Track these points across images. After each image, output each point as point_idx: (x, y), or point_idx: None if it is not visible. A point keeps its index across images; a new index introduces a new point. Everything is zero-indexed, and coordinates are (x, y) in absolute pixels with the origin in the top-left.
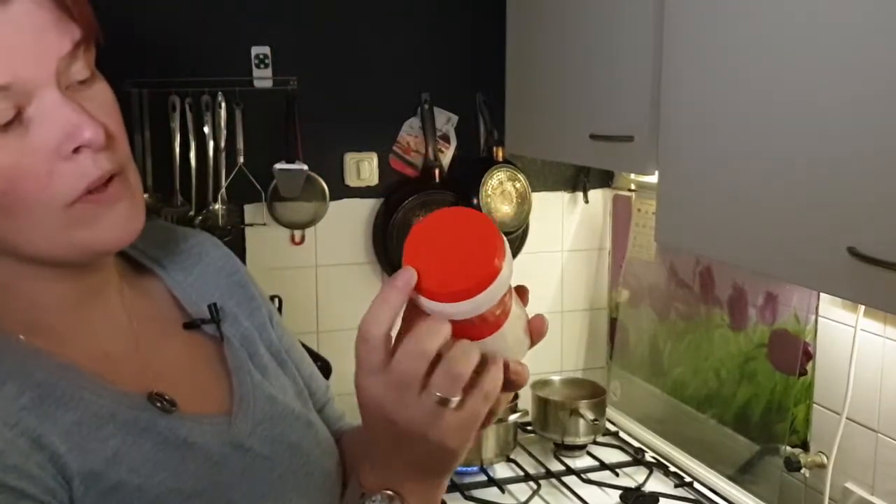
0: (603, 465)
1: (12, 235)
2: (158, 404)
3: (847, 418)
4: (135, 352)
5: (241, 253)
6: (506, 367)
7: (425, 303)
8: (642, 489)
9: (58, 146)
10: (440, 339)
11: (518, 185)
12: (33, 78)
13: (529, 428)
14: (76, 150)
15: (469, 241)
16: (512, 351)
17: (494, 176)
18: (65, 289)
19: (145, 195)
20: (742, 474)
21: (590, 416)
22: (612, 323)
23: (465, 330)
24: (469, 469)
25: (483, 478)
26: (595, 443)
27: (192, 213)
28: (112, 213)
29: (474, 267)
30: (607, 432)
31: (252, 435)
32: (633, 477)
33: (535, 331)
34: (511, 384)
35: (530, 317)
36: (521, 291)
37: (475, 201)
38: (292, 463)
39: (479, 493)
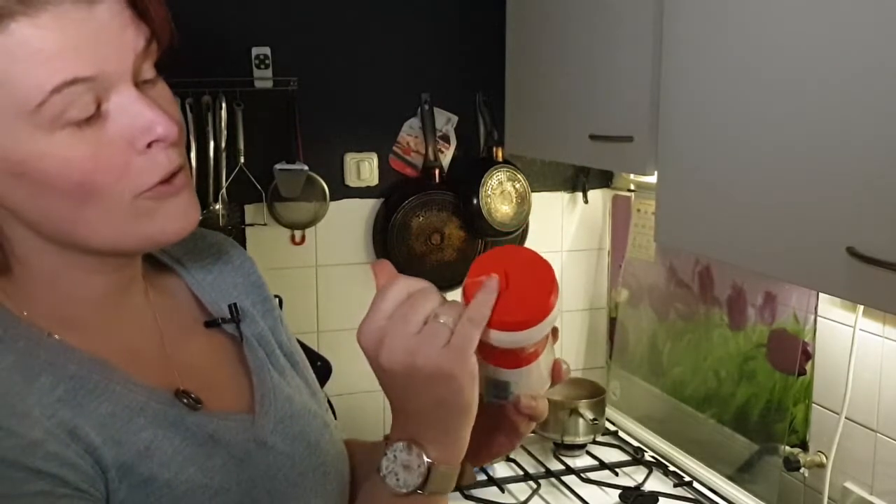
0: (602, 465)
1: (80, 227)
2: (185, 401)
3: (846, 418)
4: (160, 349)
5: None
6: (522, 401)
7: None
8: (642, 488)
9: (133, 140)
10: (405, 291)
11: (518, 186)
12: (114, 72)
13: None
14: (151, 145)
15: (527, 279)
16: (534, 387)
17: (494, 176)
18: (103, 281)
19: None
20: (741, 474)
21: (589, 415)
22: (612, 323)
23: (500, 356)
24: None
25: (483, 477)
26: (594, 442)
27: None
28: (174, 204)
29: (530, 304)
30: (607, 432)
31: (274, 433)
32: (633, 476)
33: (556, 373)
34: (532, 416)
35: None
36: (553, 333)
37: (475, 201)
38: (311, 461)
39: (479, 493)
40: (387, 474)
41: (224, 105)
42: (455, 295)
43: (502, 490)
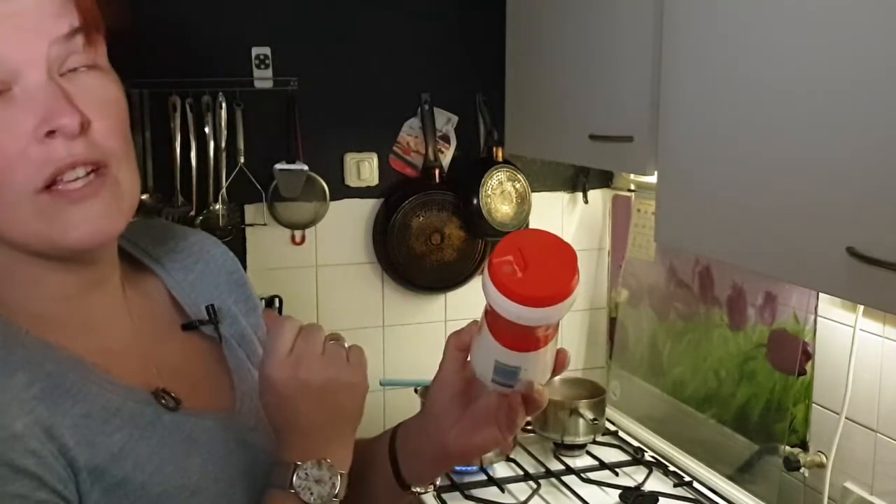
0: (602, 465)
1: None
2: (163, 400)
3: (846, 418)
4: (136, 349)
5: (241, 253)
6: (531, 388)
7: (497, 298)
8: (642, 488)
9: (34, 128)
10: (297, 326)
11: (518, 186)
12: (20, 56)
13: (529, 427)
14: (50, 135)
15: (551, 259)
16: (539, 373)
17: (494, 176)
18: (67, 280)
19: (145, 195)
20: (741, 474)
21: (589, 415)
22: (612, 323)
23: (515, 337)
24: (469, 469)
25: (483, 477)
26: (595, 442)
27: (192, 213)
28: (81, 211)
29: (554, 282)
30: (607, 432)
31: (254, 430)
32: (633, 476)
33: (559, 362)
34: (534, 404)
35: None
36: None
37: (475, 201)
38: None
39: (479, 493)
40: (300, 491)
41: (224, 105)
42: (457, 294)
43: (502, 490)
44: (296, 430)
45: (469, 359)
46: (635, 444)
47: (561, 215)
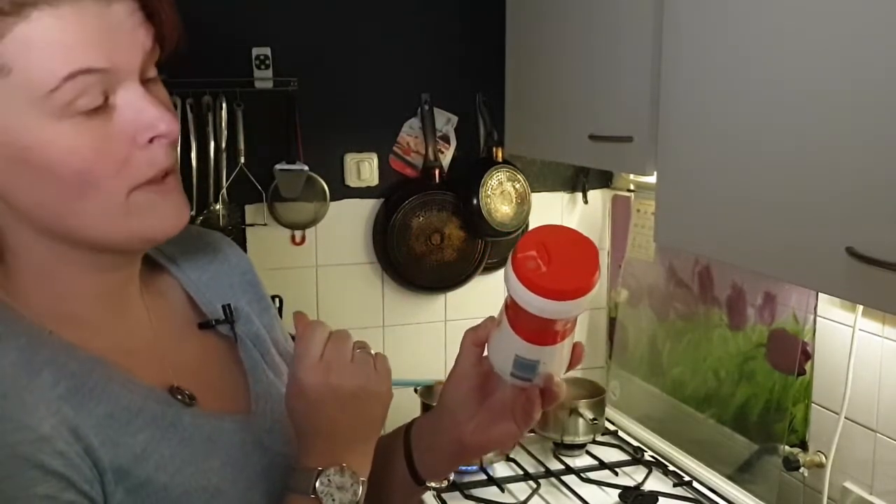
0: (602, 465)
1: (71, 218)
2: (179, 397)
3: (845, 418)
4: (154, 349)
5: None
6: (550, 381)
7: (521, 292)
8: (641, 488)
9: (136, 134)
10: (327, 331)
11: (518, 186)
12: (124, 68)
13: None
14: (150, 140)
15: (573, 254)
16: (557, 367)
17: (494, 176)
18: (99, 280)
19: None
20: (741, 473)
21: (589, 415)
22: (612, 323)
23: (536, 331)
24: (469, 468)
25: (483, 477)
26: (594, 442)
27: (192, 213)
28: (167, 203)
29: (577, 276)
30: (606, 431)
31: (271, 432)
32: (633, 476)
33: (575, 356)
34: (552, 396)
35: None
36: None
37: (475, 201)
38: None
39: (479, 493)
40: (323, 497)
41: (224, 105)
42: (456, 294)
43: (502, 490)
44: (320, 435)
45: (487, 353)
46: (635, 443)
47: (561, 215)
